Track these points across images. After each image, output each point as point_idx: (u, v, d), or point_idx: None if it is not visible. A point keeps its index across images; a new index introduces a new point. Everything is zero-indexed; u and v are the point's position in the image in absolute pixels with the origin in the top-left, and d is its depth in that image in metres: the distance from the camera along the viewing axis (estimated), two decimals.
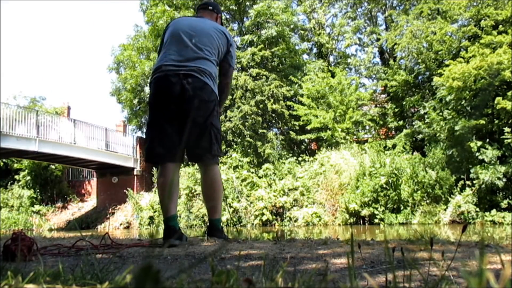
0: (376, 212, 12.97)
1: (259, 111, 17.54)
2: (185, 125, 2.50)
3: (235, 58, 2.91)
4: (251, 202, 14.81)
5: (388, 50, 20.16)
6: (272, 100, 17.62)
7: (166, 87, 2.49)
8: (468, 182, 12.94)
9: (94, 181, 20.88)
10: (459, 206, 12.33)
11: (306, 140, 19.24)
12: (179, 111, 2.48)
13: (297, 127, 18.05)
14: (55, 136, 16.27)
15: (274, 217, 14.49)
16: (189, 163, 15.05)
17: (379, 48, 21.06)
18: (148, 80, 3.15)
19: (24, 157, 17.43)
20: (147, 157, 2.62)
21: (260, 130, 17.54)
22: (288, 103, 18.48)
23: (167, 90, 2.49)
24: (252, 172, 15.96)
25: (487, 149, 12.54)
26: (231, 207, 14.63)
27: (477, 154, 12.63)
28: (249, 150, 17.18)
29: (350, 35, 21.19)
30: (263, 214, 14.31)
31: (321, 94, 17.47)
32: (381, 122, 18.57)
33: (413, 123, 16.16)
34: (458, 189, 12.93)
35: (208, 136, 2.54)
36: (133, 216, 17.16)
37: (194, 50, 2.59)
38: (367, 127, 18.60)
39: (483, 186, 12.38)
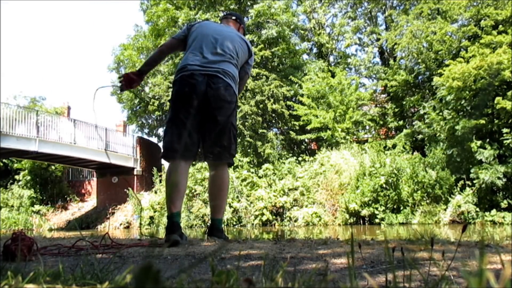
0: (376, 212, 12.96)
1: (259, 111, 17.53)
2: (206, 123, 2.57)
3: (251, 67, 3.05)
4: (251, 202, 14.79)
5: (388, 50, 20.17)
6: (272, 100, 17.61)
7: (191, 86, 2.56)
8: (468, 182, 12.92)
9: (94, 181, 20.89)
10: (459, 206, 12.32)
11: (306, 140, 19.24)
12: (202, 109, 2.56)
13: (297, 127, 18.03)
14: (55, 136, 16.26)
15: (274, 217, 14.47)
16: None
17: (379, 48, 21.07)
18: (142, 80, 3.18)
19: (24, 157, 17.43)
20: (165, 153, 2.61)
21: (260, 130, 17.53)
22: (288, 103, 18.47)
23: (192, 89, 2.56)
24: (252, 172, 15.95)
25: (485, 149, 12.54)
26: (231, 207, 14.62)
27: (476, 154, 12.63)
28: (249, 150, 17.17)
29: (350, 35, 21.21)
30: (263, 214, 14.30)
31: (321, 94, 17.46)
32: (381, 122, 18.57)
33: (413, 123, 16.15)
34: (458, 189, 12.91)
35: (228, 136, 2.62)
36: (133, 216, 17.17)
37: (219, 53, 2.69)
38: (367, 127, 18.60)
39: (483, 186, 12.37)
